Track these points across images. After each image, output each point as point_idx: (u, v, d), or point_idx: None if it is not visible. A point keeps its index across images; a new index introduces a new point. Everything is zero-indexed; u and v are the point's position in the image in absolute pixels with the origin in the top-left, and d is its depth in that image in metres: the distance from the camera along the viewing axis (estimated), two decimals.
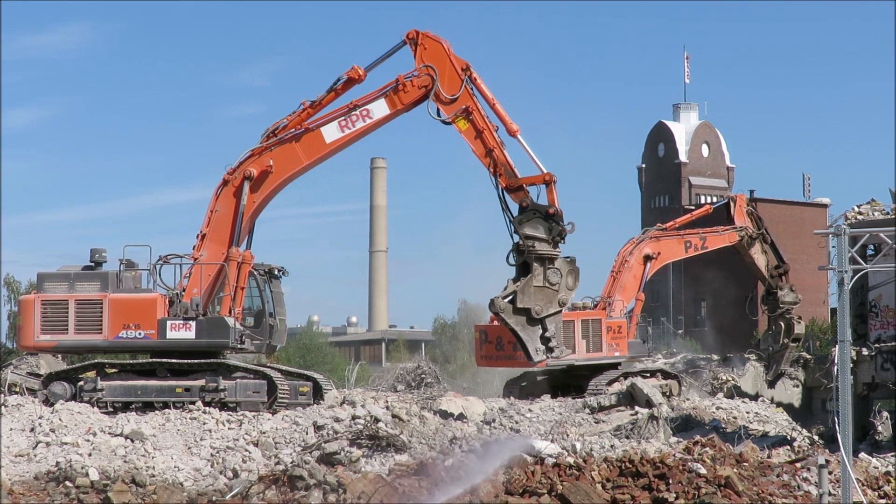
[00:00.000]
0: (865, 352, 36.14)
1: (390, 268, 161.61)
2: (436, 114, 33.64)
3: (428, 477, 27.62)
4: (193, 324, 33.65)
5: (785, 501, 27.04)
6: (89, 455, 29.47)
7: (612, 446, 31.95)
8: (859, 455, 31.10)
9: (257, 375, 34.33)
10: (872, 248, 33.75)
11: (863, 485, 27.72)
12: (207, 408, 33.02)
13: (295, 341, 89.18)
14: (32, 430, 31.22)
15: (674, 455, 28.77)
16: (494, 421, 35.57)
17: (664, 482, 26.79)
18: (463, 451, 30.38)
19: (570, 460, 28.47)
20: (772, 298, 52.26)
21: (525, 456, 28.82)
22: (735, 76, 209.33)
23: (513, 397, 43.54)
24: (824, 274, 70.21)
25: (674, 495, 26.29)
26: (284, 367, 36.81)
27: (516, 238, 32.31)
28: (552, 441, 31.77)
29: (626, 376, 44.69)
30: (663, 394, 42.59)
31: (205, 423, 31.93)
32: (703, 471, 27.27)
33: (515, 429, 34.57)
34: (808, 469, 28.70)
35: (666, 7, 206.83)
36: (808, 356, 56.21)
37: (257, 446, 30.59)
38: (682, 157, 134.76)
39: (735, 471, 27.74)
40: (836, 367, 24.56)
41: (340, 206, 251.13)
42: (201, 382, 33.73)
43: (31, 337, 34.43)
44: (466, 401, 37.78)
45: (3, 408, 32.88)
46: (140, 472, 28.34)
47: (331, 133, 34.32)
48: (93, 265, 34.82)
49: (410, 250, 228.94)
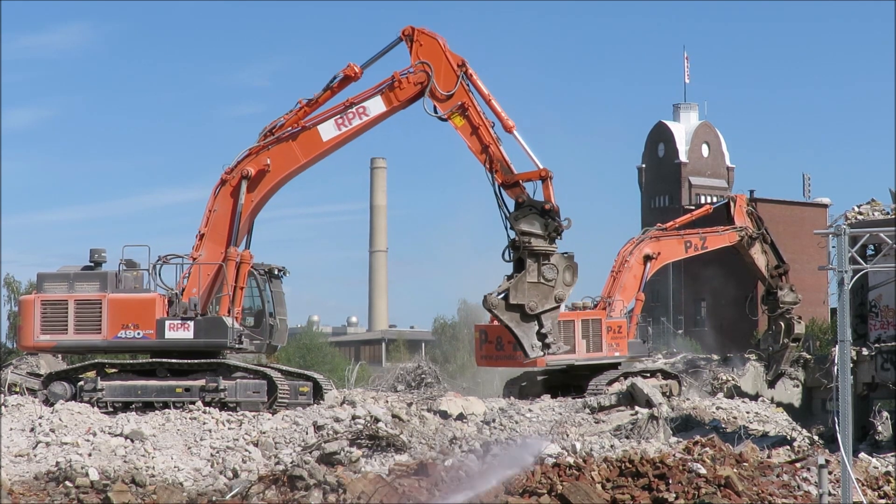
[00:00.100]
0: (865, 352, 36.08)
1: (390, 268, 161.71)
2: (432, 110, 33.53)
3: (428, 477, 27.60)
4: (192, 324, 33.66)
5: (785, 501, 27.00)
6: (89, 455, 29.46)
7: (612, 446, 31.93)
8: (859, 455, 31.05)
9: (257, 375, 34.33)
10: (872, 248, 33.70)
11: (863, 485, 27.67)
12: (207, 408, 33.03)
13: (295, 341, 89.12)
14: (32, 430, 31.22)
15: (674, 455, 28.72)
16: (494, 421, 35.56)
17: (664, 482, 26.74)
18: (463, 451, 30.39)
19: (570, 460, 28.42)
20: (772, 298, 52.22)
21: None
22: (735, 76, 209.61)
23: (513, 397, 43.51)
24: (824, 274, 70.19)
25: (674, 495, 26.24)
26: (284, 367, 36.82)
27: (512, 234, 32.08)
28: (552, 441, 31.75)
29: (626, 376, 44.68)
30: (663, 394, 42.58)
31: (205, 423, 31.92)
32: (703, 471, 27.22)
33: (524, 433, 34.42)
34: (808, 469, 28.65)
35: (666, 7, 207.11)
36: (808, 356, 56.20)
37: (257, 446, 30.58)
38: (682, 157, 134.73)
39: (735, 471, 27.70)
40: (836, 367, 24.52)
41: (340, 206, 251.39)
42: (201, 382, 33.76)
43: (31, 337, 34.48)
44: (466, 401, 37.74)
45: (3, 408, 32.88)
46: (140, 472, 28.32)
47: (327, 131, 34.26)
48: (92, 265, 34.86)
49: (410, 250, 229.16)
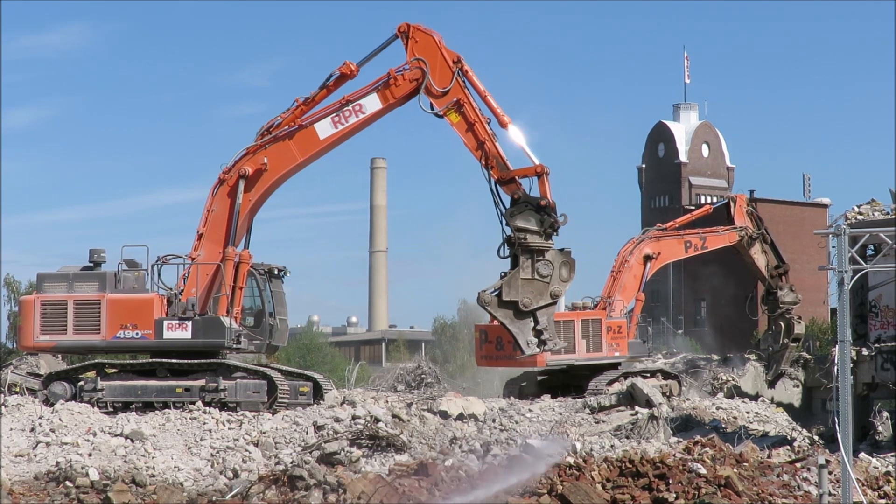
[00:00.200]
0: (865, 352, 36.07)
1: (390, 268, 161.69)
2: (428, 107, 33.41)
3: (428, 477, 27.60)
4: (189, 324, 33.66)
5: (785, 501, 26.99)
6: (89, 455, 29.45)
7: (612, 446, 31.93)
8: (859, 455, 31.04)
9: (257, 375, 34.32)
10: (872, 248, 33.69)
11: (863, 485, 27.66)
12: (207, 408, 33.02)
13: (295, 341, 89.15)
14: (32, 430, 31.21)
15: (674, 455, 28.71)
16: (494, 421, 35.56)
17: (664, 482, 26.74)
18: (463, 451, 30.39)
19: (570, 460, 28.42)
20: (772, 298, 52.21)
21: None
22: (735, 76, 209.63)
23: (513, 397, 43.51)
24: (824, 274, 70.19)
25: (674, 495, 26.24)
26: (284, 367, 36.81)
27: (508, 231, 31.84)
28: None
29: (626, 376, 44.69)
30: (663, 394, 42.58)
31: (205, 423, 31.92)
32: (703, 471, 27.21)
33: (524, 433, 34.32)
34: (808, 469, 28.64)
35: (666, 7, 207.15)
36: (808, 356, 56.18)
37: (257, 446, 30.58)
38: (682, 157, 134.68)
39: (735, 471, 27.69)
40: (836, 367, 24.51)
41: (340, 206, 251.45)
42: (201, 382, 33.75)
43: (31, 337, 34.50)
44: (466, 401, 37.73)
45: (3, 408, 32.88)
46: (140, 472, 28.31)
47: (324, 129, 34.22)
48: (92, 265, 34.87)
49: (410, 250, 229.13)
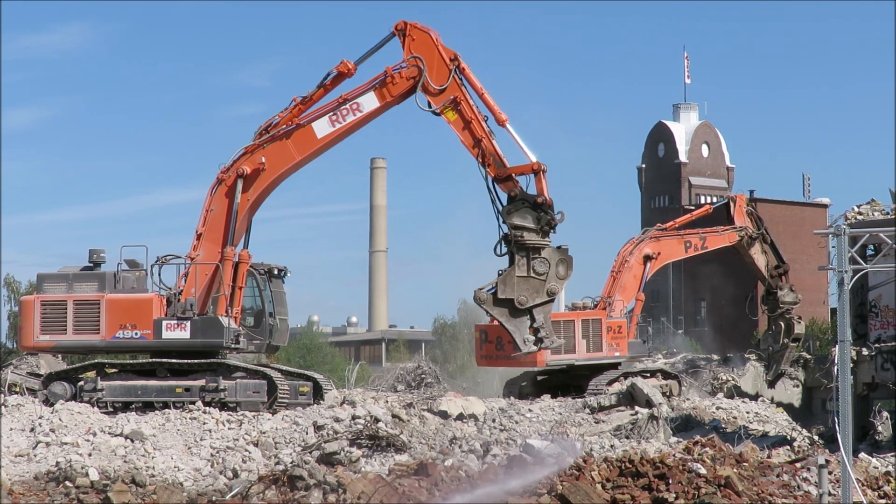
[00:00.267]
0: (865, 352, 36.06)
1: (390, 268, 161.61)
2: (425, 105, 33.38)
3: (428, 477, 27.59)
4: (188, 324, 33.66)
5: (785, 501, 26.98)
6: (89, 455, 29.45)
7: (612, 446, 31.94)
8: (859, 455, 31.03)
9: (257, 375, 34.32)
10: (872, 248, 33.68)
11: (863, 485, 27.65)
12: (207, 408, 33.02)
13: (295, 341, 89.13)
14: (32, 430, 31.21)
15: (674, 455, 28.70)
16: (494, 421, 35.55)
17: (664, 482, 26.73)
18: (463, 451, 30.39)
19: (570, 460, 28.41)
20: (772, 298, 52.20)
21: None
22: (735, 76, 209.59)
23: (513, 397, 43.51)
24: (824, 274, 70.21)
25: (674, 495, 26.22)
26: (284, 367, 36.81)
27: (505, 229, 31.80)
28: (552, 441, 31.71)
29: (626, 376, 44.68)
30: (663, 394, 42.58)
31: (205, 423, 31.92)
32: (703, 471, 27.20)
33: (524, 433, 34.29)
34: (808, 469, 28.62)
35: (666, 7, 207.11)
36: (808, 356, 56.19)
37: (257, 446, 30.58)
38: (682, 157, 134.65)
39: (735, 471, 27.67)
40: (836, 367, 24.49)
41: (340, 206, 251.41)
42: (201, 382, 33.76)
43: (31, 337, 34.53)
44: (466, 401, 37.74)
45: (3, 408, 32.89)
46: (140, 472, 28.31)
47: (322, 128, 34.20)
48: (91, 266, 34.88)
49: (410, 250, 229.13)
